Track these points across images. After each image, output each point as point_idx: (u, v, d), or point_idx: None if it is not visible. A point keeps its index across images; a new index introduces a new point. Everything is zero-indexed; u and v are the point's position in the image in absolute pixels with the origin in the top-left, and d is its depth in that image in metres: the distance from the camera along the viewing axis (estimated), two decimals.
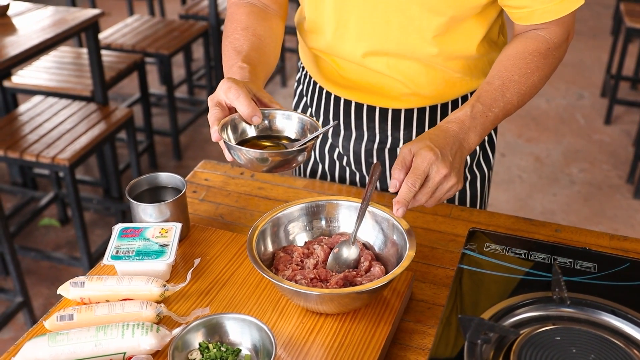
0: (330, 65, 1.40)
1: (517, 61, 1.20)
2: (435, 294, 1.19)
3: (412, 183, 1.04)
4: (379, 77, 1.35)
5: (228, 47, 1.27)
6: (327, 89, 1.45)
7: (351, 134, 1.46)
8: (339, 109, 1.44)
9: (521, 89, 1.18)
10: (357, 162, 1.48)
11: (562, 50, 1.25)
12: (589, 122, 4.39)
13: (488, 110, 1.14)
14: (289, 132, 1.14)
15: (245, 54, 1.23)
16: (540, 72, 1.20)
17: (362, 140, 1.45)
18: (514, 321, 0.96)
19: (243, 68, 1.18)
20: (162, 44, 3.64)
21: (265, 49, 1.28)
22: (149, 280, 1.10)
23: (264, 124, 1.12)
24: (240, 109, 1.07)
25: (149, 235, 1.18)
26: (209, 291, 1.14)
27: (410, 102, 1.38)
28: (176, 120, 3.83)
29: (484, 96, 1.16)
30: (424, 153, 1.05)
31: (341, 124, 1.46)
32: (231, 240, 1.26)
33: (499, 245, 1.10)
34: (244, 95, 1.06)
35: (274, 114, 1.13)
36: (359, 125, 1.43)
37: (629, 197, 3.63)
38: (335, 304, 1.04)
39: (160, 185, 1.30)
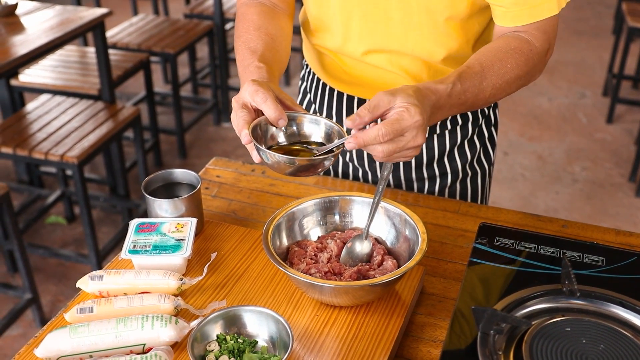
0: (334, 62, 1.43)
1: (498, 53, 1.20)
2: (445, 288, 1.22)
3: (384, 133, 0.98)
4: (382, 73, 1.37)
5: (242, 46, 1.29)
6: (331, 85, 1.48)
7: None
8: (342, 105, 1.47)
9: (497, 82, 1.18)
10: (360, 157, 1.51)
11: (541, 62, 1.25)
12: (591, 121, 4.41)
13: (462, 94, 1.13)
14: (316, 137, 1.14)
15: (261, 53, 1.24)
16: (517, 71, 1.20)
17: None
18: (525, 312, 0.99)
19: (260, 68, 1.20)
20: (167, 43, 3.66)
21: (278, 48, 1.31)
22: (166, 274, 1.12)
23: (292, 128, 1.13)
24: (268, 113, 1.07)
25: (165, 230, 1.21)
26: (225, 285, 1.16)
27: None
28: (181, 118, 3.85)
29: (464, 77, 1.14)
30: (414, 112, 0.99)
31: (343, 119, 1.48)
32: (245, 235, 1.28)
33: (508, 239, 1.12)
34: (271, 99, 1.07)
35: (301, 118, 1.13)
36: None
37: (631, 196, 3.66)
38: (350, 297, 1.06)
39: (174, 181, 1.33)
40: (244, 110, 1.08)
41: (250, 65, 1.22)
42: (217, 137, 4.18)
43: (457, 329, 0.96)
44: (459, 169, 1.49)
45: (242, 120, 1.07)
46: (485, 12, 1.30)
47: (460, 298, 1.00)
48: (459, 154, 1.48)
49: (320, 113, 1.53)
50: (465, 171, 1.50)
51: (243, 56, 1.26)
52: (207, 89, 4.66)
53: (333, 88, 1.48)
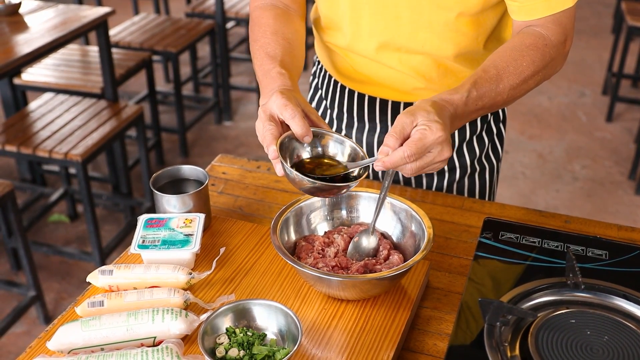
0: (345, 60, 1.44)
1: (513, 52, 1.20)
2: (450, 282, 1.23)
3: (410, 154, 1.01)
4: (391, 73, 1.39)
5: (260, 51, 1.29)
6: (342, 83, 1.50)
7: (364, 126, 1.50)
8: (353, 102, 1.48)
9: (514, 82, 1.18)
10: (370, 153, 1.52)
11: (560, 54, 1.25)
12: (590, 120, 4.43)
13: (479, 99, 1.14)
14: (339, 157, 1.16)
15: (281, 59, 1.25)
16: (534, 67, 1.20)
17: (375, 132, 1.49)
18: (531, 305, 1.00)
19: (283, 75, 1.21)
20: (169, 42, 3.67)
21: (295, 52, 1.32)
22: (175, 268, 1.14)
23: (316, 149, 1.15)
24: (295, 129, 1.09)
25: (173, 225, 1.22)
26: (233, 279, 1.18)
27: (422, 96, 1.42)
28: (183, 117, 3.86)
29: (479, 83, 1.14)
30: (436, 129, 1.01)
31: (354, 116, 1.50)
32: (252, 230, 1.30)
33: (513, 234, 1.14)
34: (299, 116, 1.09)
35: (327, 137, 1.15)
36: (372, 118, 1.48)
37: (631, 194, 3.67)
38: (357, 290, 1.08)
39: (182, 177, 1.34)
40: (272, 124, 1.10)
41: (272, 70, 1.22)
42: (218, 135, 4.20)
43: (463, 322, 0.98)
44: (467, 164, 1.51)
45: (269, 135, 1.09)
46: (496, 7, 1.31)
47: (467, 291, 1.01)
48: (467, 150, 1.49)
49: (331, 109, 1.55)
50: (473, 166, 1.51)
51: (262, 61, 1.27)
52: (209, 87, 4.68)
53: (344, 85, 1.49)
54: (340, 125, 1.54)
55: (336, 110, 1.53)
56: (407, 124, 1.03)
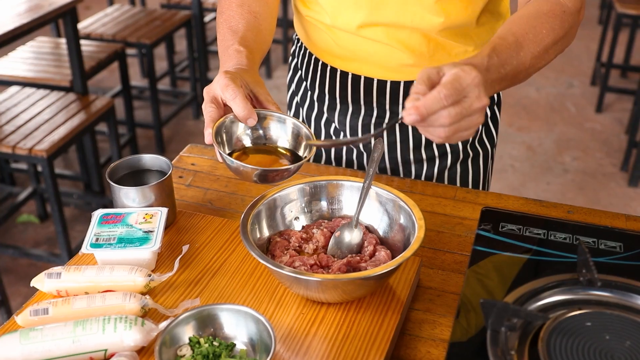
0: (326, 35, 1.31)
1: (530, 20, 1.09)
2: (444, 281, 1.10)
3: (447, 94, 0.84)
4: (378, 47, 1.26)
5: (223, 25, 1.20)
6: (323, 61, 1.37)
7: (347, 108, 1.37)
8: (335, 82, 1.36)
9: (535, 50, 1.06)
10: (353, 134, 1.39)
11: (575, 22, 1.15)
12: (580, 111, 4.32)
13: (501, 67, 1.00)
14: (282, 140, 1.08)
15: (242, 34, 1.17)
16: (554, 35, 1.09)
17: (359, 115, 1.37)
18: (539, 306, 0.87)
19: (240, 52, 1.13)
20: (143, 34, 3.52)
21: (261, 27, 1.22)
22: (133, 269, 1.00)
23: (258, 131, 1.07)
24: (236, 111, 1.02)
25: (131, 222, 1.08)
26: (199, 281, 1.04)
27: (410, 73, 1.29)
28: (159, 112, 3.71)
29: (499, 49, 1.01)
30: (469, 69, 0.87)
31: (337, 97, 1.37)
32: (221, 226, 1.16)
33: (515, 225, 1.01)
34: (240, 97, 1.01)
35: (269, 117, 1.08)
36: (356, 99, 1.35)
37: (623, 185, 3.57)
38: (339, 292, 0.94)
39: (143, 168, 1.20)
40: (212, 106, 1.03)
41: (230, 47, 1.14)
42: (196, 130, 4.05)
43: (462, 327, 0.84)
44: (459, 149, 1.38)
45: (208, 117, 1.03)
46: None
47: (465, 290, 0.88)
48: None
49: (311, 90, 1.42)
50: (466, 152, 1.38)
51: (224, 36, 1.18)
52: (186, 82, 4.52)
53: (326, 64, 1.37)
54: (321, 107, 1.41)
55: (317, 91, 1.40)
56: (433, 74, 0.88)
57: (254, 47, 1.16)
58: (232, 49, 1.13)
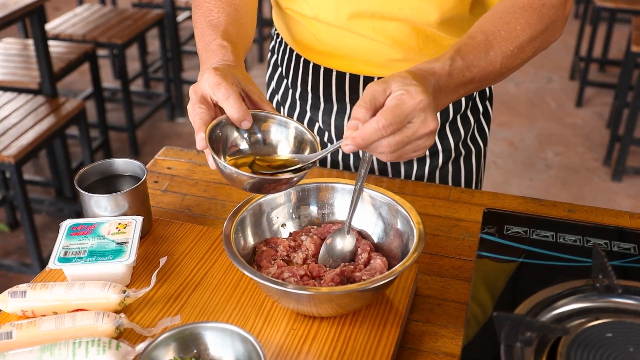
0: (308, 30, 1.22)
1: (503, 16, 1.01)
2: (443, 288, 1.02)
3: (386, 124, 0.79)
4: (364, 42, 1.18)
5: (201, 19, 1.10)
6: (305, 57, 1.28)
7: (332, 107, 1.29)
8: (319, 79, 1.27)
9: (507, 49, 0.98)
10: (340, 137, 1.31)
11: (560, 16, 1.06)
12: (560, 106, 4.28)
13: (466, 69, 0.93)
14: (283, 146, 0.96)
15: (224, 29, 1.06)
16: (530, 31, 1.00)
17: (344, 114, 1.28)
18: (553, 316, 0.80)
19: (224, 47, 1.01)
20: (114, 33, 3.41)
21: (243, 21, 1.12)
22: (105, 285, 0.91)
23: (256, 135, 0.95)
24: (230, 112, 0.90)
25: (103, 232, 0.99)
26: (179, 296, 0.95)
27: (399, 69, 1.20)
28: (132, 114, 3.60)
29: (464, 50, 0.94)
30: (415, 92, 0.80)
31: (320, 95, 1.28)
32: (202, 234, 1.07)
33: (520, 227, 0.93)
34: (234, 97, 0.90)
35: (268, 120, 0.95)
36: (341, 97, 1.26)
37: (607, 180, 3.53)
38: (334, 305, 0.86)
39: (115, 173, 1.11)
40: (202, 106, 0.90)
41: (212, 42, 1.03)
42: (171, 133, 3.94)
43: (472, 342, 0.76)
44: (451, 147, 1.30)
45: (199, 120, 0.89)
46: None
47: (473, 302, 0.80)
48: (451, 131, 1.28)
49: (293, 88, 1.33)
50: (458, 150, 1.31)
51: (203, 31, 1.07)
52: (160, 83, 4.41)
53: (308, 60, 1.27)
54: (304, 106, 1.33)
55: (299, 89, 1.31)
56: (379, 92, 0.82)
57: (238, 41, 1.07)
58: (215, 44, 1.03)
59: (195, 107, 0.91)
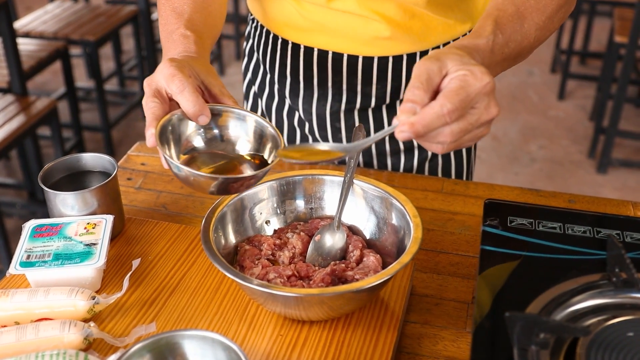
0: (287, 6, 1.15)
1: None
2: (441, 287, 0.95)
3: (451, 109, 0.68)
4: (349, 17, 1.11)
5: (165, 6, 1.02)
6: (284, 36, 1.19)
7: (312, 93, 1.20)
8: (298, 60, 1.18)
9: (539, 19, 0.91)
10: (322, 127, 1.23)
11: None
12: (542, 99, 4.24)
13: (505, 45, 0.85)
14: (243, 142, 0.89)
15: (188, 17, 0.98)
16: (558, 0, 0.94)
17: (326, 101, 1.20)
18: (567, 314, 0.72)
19: (187, 37, 0.95)
20: (87, 30, 3.30)
21: (210, 8, 1.04)
22: (73, 291, 0.83)
23: (212, 132, 0.88)
24: (185, 106, 0.84)
25: (70, 233, 0.91)
26: (154, 301, 0.87)
27: (386, 47, 1.13)
28: (106, 114, 3.50)
29: (502, 24, 0.86)
30: (480, 73, 0.70)
31: (300, 79, 1.20)
32: (179, 234, 0.99)
33: (525, 218, 0.86)
34: (189, 90, 0.83)
35: (226, 114, 0.89)
36: (323, 80, 1.18)
37: (592, 172, 3.48)
38: (325, 308, 0.78)
39: (83, 169, 1.03)
40: (155, 100, 0.84)
41: (175, 32, 0.96)
42: None
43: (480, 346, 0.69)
44: None
45: (150, 115, 0.83)
46: None
47: (479, 302, 0.72)
48: None
49: (271, 73, 1.25)
50: None
51: (167, 19, 1.00)
52: (135, 81, 4.30)
53: (287, 40, 1.19)
54: (282, 93, 1.25)
55: (277, 73, 1.23)
56: (434, 72, 0.71)
57: (203, 31, 0.99)
58: (178, 33, 0.96)
59: (147, 100, 0.84)
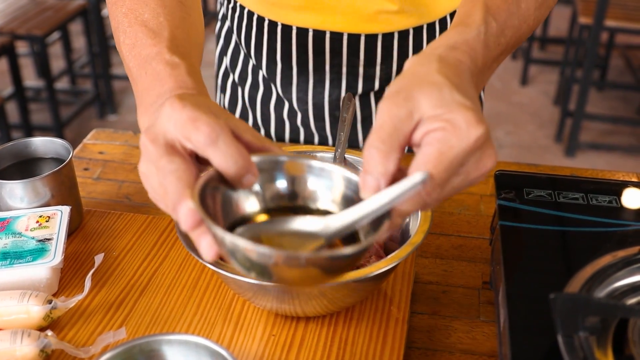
0: None
1: None
2: (446, 272, 0.85)
3: (428, 191, 0.52)
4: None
5: (129, 18, 0.72)
6: (272, 18, 1.02)
7: (307, 79, 1.05)
8: (291, 44, 1.02)
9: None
10: (319, 117, 1.08)
11: None
12: (505, 85, 4.20)
13: (501, 34, 0.67)
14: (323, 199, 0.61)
15: (169, 35, 0.69)
16: None
17: (324, 88, 1.05)
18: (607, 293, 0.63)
19: (176, 66, 0.65)
20: (33, 25, 3.13)
21: (191, 19, 0.76)
22: (25, 295, 0.70)
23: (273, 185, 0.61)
24: (222, 163, 0.56)
25: (20, 228, 0.78)
26: (122, 303, 0.75)
27: (391, 23, 0.99)
28: (58, 113, 3.33)
29: (494, 8, 0.67)
30: (464, 125, 0.52)
31: (293, 63, 1.04)
32: (146, 225, 0.87)
33: (543, 190, 0.76)
34: (225, 139, 0.55)
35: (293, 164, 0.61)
36: (320, 64, 1.03)
37: (560, 156, 3.44)
38: (325, 301, 0.67)
39: (33, 156, 0.90)
40: (174, 161, 0.55)
41: (155, 59, 0.66)
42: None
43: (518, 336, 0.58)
44: None
45: (175, 182, 0.55)
46: None
47: (508, 285, 0.62)
48: None
49: (258, 63, 1.07)
50: None
51: (135, 39, 0.70)
52: (87, 79, 4.13)
53: (275, 22, 1.02)
54: (270, 82, 1.08)
55: (265, 58, 1.06)
56: (401, 119, 0.53)
57: (192, 53, 0.71)
58: (160, 61, 0.66)
59: (163, 162, 0.55)
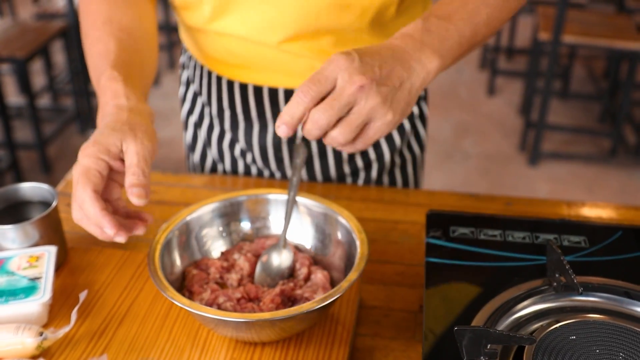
0: (217, 42, 1.10)
1: None
2: (388, 297, 0.97)
3: (303, 91, 0.75)
4: (285, 57, 1.07)
5: (92, 52, 0.96)
6: (217, 72, 1.15)
7: (252, 125, 1.17)
8: (234, 95, 1.15)
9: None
10: (264, 158, 1.20)
11: None
12: (472, 96, 4.34)
13: (448, 23, 0.83)
14: None
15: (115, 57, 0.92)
16: None
17: (267, 132, 1.17)
18: (512, 322, 0.75)
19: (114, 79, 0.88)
20: (15, 47, 3.22)
21: (139, 46, 0.98)
22: (19, 329, 0.81)
23: None
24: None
25: (13, 268, 0.89)
26: (104, 332, 0.86)
27: None
28: (39, 130, 3.42)
29: (437, 9, 0.86)
30: (334, 57, 0.76)
31: (239, 113, 1.17)
32: (124, 260, 0.98)
33: (466, 227, 0.88)
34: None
35: None
36: (261, 113, 1.15)
37: (524, 165, 3.58)
38: (277, 330, 0.79)
39: (22, 200, 1.01)
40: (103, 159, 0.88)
41: (102, 77, 0.89)
42: None
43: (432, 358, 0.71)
44: (384, 159, 1.22)
45: None
46: None
47: (428, 317, 0.74)
48: (385, 138, 1.21)
49: (209, 106, 1.21)
50: (392, 161, 1.23)
51: (94, 65, 0.93)
52: (68, 96, 4.22)
53: (220, 76, 1.15)
54: (222, 126, 1.21)
55: (215, 107, 1.19)
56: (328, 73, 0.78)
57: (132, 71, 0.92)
58: (105, 77, 0.88)
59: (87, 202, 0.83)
